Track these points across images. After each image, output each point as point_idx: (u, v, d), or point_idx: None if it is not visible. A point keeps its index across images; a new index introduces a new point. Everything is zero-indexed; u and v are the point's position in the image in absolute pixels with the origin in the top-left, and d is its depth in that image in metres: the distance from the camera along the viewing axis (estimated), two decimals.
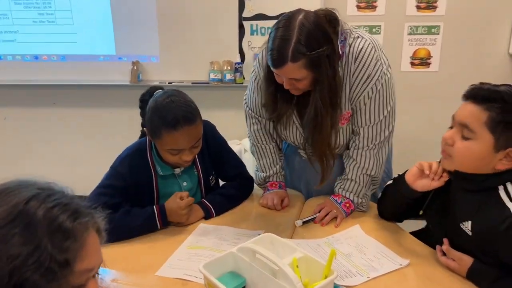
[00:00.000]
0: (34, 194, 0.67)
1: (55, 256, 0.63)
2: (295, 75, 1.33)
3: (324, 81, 1.35)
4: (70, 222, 0.67)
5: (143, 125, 1.57)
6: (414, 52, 2.97)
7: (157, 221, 1.43)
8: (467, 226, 1.16)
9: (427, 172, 1.22)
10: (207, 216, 1.54)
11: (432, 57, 2.96)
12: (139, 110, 1.53)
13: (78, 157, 3.59)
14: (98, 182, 1.48)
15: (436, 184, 1.23)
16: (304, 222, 1.51)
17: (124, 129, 3.08)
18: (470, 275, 1.13)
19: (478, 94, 1.09)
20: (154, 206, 1.44)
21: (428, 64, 2.98)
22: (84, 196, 1.44)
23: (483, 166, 1.10)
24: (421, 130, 3.03)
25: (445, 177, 1.21)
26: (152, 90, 1.51)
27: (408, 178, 1.29)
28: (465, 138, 1.10)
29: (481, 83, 1.09)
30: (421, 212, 1.31)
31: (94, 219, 0.72)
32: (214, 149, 1.61)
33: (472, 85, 1.12)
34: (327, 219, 1.51)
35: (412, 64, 2.99)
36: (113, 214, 1.38)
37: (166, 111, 1.37)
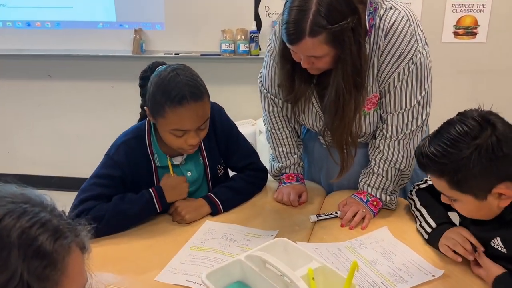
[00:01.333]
0: (7, 210, 0.65)
1: (33, 285, 0.62)
2: (314, 52, 1.31)
3: (348, 59, 1.32)
4: (50, 244, 0.66)
5: (142, 106, 1.55)
6: (458, 20, 2.88)
7: (156, 204, 1.45)
8: (497, 243, 1.18)
9: (459, 260, 1.25)
10: (214, 212, 1.53)
11: (479, 26, 2.87)
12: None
13: (75, 136, 3.63)
14: (98, 164, 1.49)
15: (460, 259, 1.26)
16: (319, 218, 1.50)
17: (126, 105, 3.08)
18: (495, 284, 1.15)
19: (425, 169, 1.19)
20: (150, 189, 1.45)
21: (474, 34, 2.89)
22: (82, 179, 1.45)
23: (488, 212, 1.17)
24: (463, 108, 2.94)
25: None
26: (154, 65, 1.49)
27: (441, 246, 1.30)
28: (454, 200, 1.19)
29: (420, 152, 1.16)
30: None
31: (77, 236, 0.71)
32: (222, 135, 1.59)
33: (416, 156, 1.21)
34: (356, 220, 1.48)
35: (456, 34, 2.90)
36: (105, 204, 1.39)
37: (171, 85, 1.35)
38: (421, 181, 1.52)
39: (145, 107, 1.44)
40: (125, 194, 1.44)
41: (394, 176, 1.53)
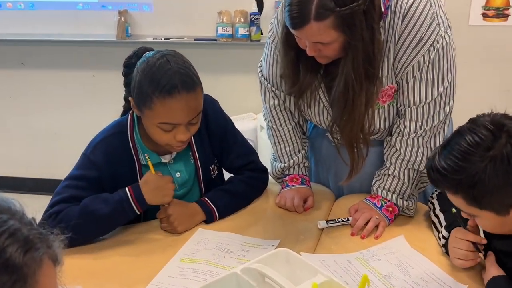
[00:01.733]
0: None
1: None
2: (320, 38, 1.31)
3: (359, 46, 1.32)
4: (19, 256, 0.66)
5: (126, 98, 1.56)
6: (488, 1, 2.87)
7: (133, 205, 1.42)
8: None
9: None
10: (209, 219, 1.54)
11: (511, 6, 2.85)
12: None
13: (52, 132, 3.65)
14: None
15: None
16: (329, 224, 1.50)
17: (110, 97, 3.07)
18: (489, 284, 1.19)
19: (437, 185, 1.21)
20: (127, 187, 1.44)
21: (506, 16, 2.88)
22: (60, 181, 1.46)
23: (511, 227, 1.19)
24: (493, 100, 2.95)
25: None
26: (140, 51, 1.49)
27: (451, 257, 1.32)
28: (474, 216, 1.20)
29: (430, 166, 1.18)
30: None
31: (49, 247, 0.71)
32: (216, 131, 1.60)
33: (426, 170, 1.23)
34: (369, 228, 1.48)
35: (485, 16, 2.90)
36: (76, 206, 1.40)
37: (160, 72, 1.35)
38: None
39: (129, 98, 1.44)
40: (98, 195, 1.44)
41: (412, 178, 1.54)
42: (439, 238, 1.39)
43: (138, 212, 1.45)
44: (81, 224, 1.36)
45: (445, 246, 1.35)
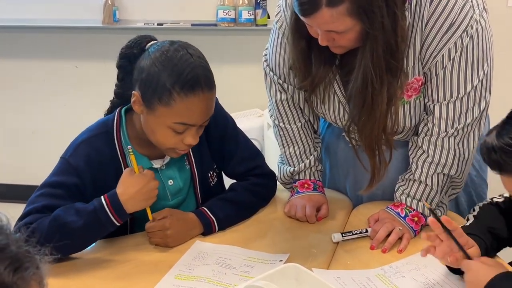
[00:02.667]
0: None
1: None
2: (333, 27, 1.31)
3: (378, 36, 1.32)
4: (9, 275, 0.67)
5: (117, 93, 1.57)
6: None
7: (110, 214, 1.40)
8: None
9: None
10: (207, 232, 1.55)
11: None
12: (113, 66, 1.52)
13: (29, 131, 3.66)
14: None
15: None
16: (345, 237, 1.50)
17: (95, 91, 3.10)
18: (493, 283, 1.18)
19: (500, 167, 1.20)
20: (103, 196, 1.42)
21: None
22: (37, 187, 1.47)
23: None
24: None
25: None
26: (142, 40, 1.49)
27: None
28: None
29: (488, 147, 1.19)
30: None
31: (38, 268, 0.73)
32: (215, 132, 1.60)
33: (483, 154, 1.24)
34: (391, 241, 1.48)
35: None
36: (46, 218, 1.39)
37: (183, 65, 1.37)
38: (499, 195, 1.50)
39: (133, 92, 1.43)
40: (72, 205, 1.43)
41: (442, 185, 1.54)
42: None
43: (118, 224, 1.43)
44: (52, 237, 1.29)
45: None
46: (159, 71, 1.38)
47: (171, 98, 1.37)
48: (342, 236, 1.51)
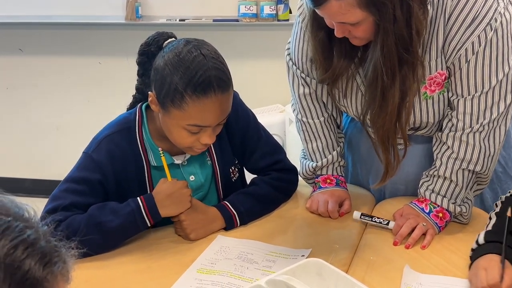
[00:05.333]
0: None
1: None
2: (344, 18, 1.31)
3: (389, 29, 1.31)
4: (39, 270, 0.68)
5: (138, 89, 1.58)
6: None
7: (146, 217, 1.44)
8: None
9: None
10: (229, 226, 1.55)
11: None
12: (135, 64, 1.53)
13: (54, 126, 3.70)
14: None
15: None
16: (362, 219, 1.52)
17: (117, 86, 3.12)
18: None
19: None
20: (139, 197, 1.45)
21: None
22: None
23: None
24: None
25: None
26: (160, 37, 1.50)
27: None
28: None
29: None
30: None
31: (64, 263, 0.73)
32: (237, 127, 1.60)
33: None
34: (415, 237, 1.47)
35: None
36: (80, 216, 1.41)
37: (195, 68, 1.36)
38: None
39: (149, 93, 1.44)
40: (105, 203, 1.45)
41: (467, 181, 1.52)
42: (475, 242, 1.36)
43: (149, 225, 1.47)
44: (87, 236, 1.31)
45: (473, 252, 1.33)
46: (171, 74, 1.38)
47: (184, 101, 1.37)
48: (360, 218, 1.52)
